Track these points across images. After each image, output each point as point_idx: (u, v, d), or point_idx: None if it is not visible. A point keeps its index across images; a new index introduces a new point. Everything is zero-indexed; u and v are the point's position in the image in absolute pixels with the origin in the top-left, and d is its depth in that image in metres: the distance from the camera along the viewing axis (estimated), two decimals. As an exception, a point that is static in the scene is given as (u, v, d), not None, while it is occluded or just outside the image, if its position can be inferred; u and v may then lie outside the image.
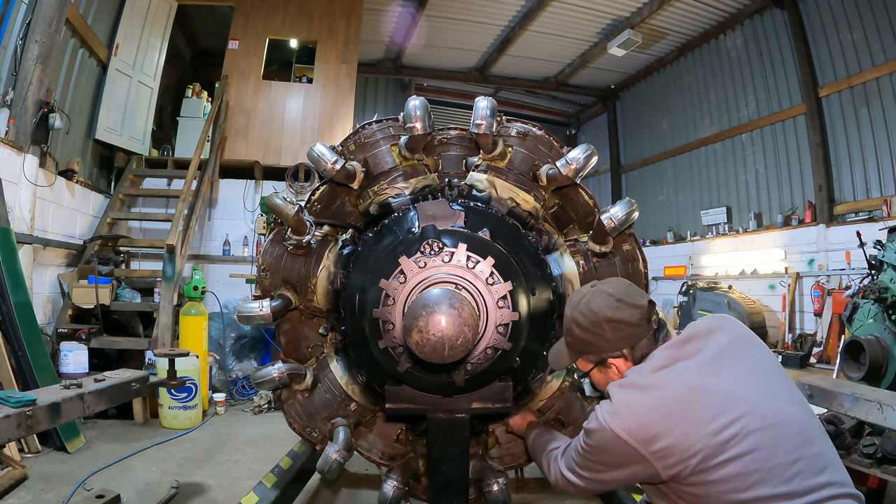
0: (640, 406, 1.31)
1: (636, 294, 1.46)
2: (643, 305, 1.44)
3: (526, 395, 2.21)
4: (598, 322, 1.43)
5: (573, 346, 1.52)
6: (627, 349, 1.44)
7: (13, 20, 4.58)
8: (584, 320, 1.45)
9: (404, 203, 2.20)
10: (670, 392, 1.32)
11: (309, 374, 2.23)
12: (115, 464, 3.55)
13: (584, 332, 1.46)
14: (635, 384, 1.36)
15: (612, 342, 1.44)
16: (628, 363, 1.45)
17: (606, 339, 1.44)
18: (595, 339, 1.45)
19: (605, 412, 1.34)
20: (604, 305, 1.43)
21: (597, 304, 1.45)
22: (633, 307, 1.43)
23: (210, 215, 7.09)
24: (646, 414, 1.29)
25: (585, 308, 1.46)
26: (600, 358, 1.48)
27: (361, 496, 3.23)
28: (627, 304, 1.43)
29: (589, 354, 1.49)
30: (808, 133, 7.82)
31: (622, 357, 1.45)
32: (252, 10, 7.53)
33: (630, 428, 1.29)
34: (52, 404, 1.99)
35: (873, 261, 4.53)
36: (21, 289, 4.03)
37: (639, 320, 1.42)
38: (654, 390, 1.33)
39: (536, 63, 10.88)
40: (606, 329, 1.43)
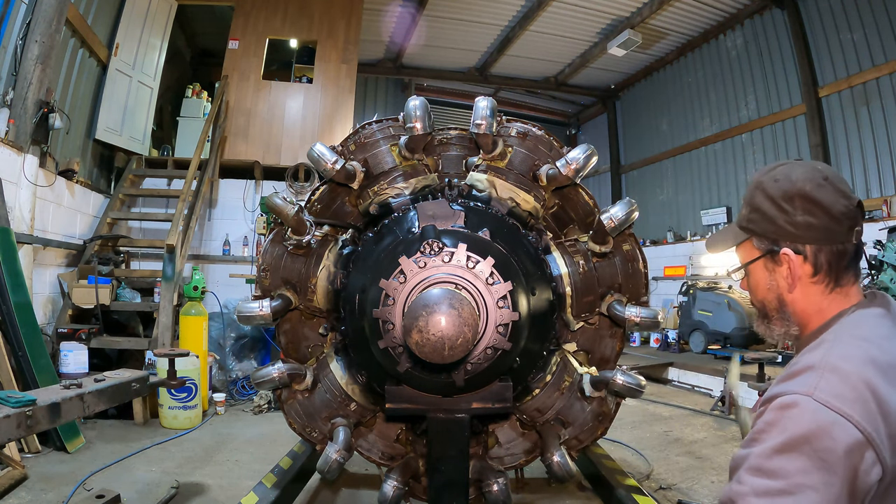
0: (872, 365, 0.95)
1: (846, 185, 1.09)
2: (853, 199, 1.07)
3: (525, 394, 2.21)
4: (791, 195, 1.07)
5: (748, 221, 1.15)
6: (813, 247, 1.08)
7: (13, 20, 4.58)
8: (774, 188, 1.10)
9: (404, 203, 2.20)
10: None
11: (309, 374, 2.23)
12: (115, 464, 3.55)
13: (769, 203, 1.10)
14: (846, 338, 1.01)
15: (798, 228, 1.07)
16: (806, 267, 1.09)
17: (793, 220, 1.08)
18: (779, 217, 1.09)
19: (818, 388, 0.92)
20: (806, 177, 1.07)
21: (798, 173, 1.09)
22: (840, 194, 1.06)
23: (210, 215, 7.09)
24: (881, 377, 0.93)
25: (781, 174, 1.11)
26: (773, 245, 1.11)
27: (361, 496, 3.23)
28: (835, 189, 1.06)
29: (762, 237, 1.13)
30: (808, 133, 7.82)
31: (802, 255, 1.09)
32: (252, 10, 7.53)
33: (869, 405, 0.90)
34: (52, 404, 1.99)
35: (873, 261, 4.53)
36: (21, 289, 4.03)
37: (841, 214, 1.05)
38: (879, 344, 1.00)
39: (536, 63, 10.88)
40: (798, 207, 1.07)
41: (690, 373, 6.91)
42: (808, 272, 1.09)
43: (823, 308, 1.11)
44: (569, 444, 2.23)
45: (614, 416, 2.27)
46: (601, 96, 12.38)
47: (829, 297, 1.10)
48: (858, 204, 1.08)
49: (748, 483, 0.90)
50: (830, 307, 1.10)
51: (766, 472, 0.89)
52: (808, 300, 1.11)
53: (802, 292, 1.11)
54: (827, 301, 1.10)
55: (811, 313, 1.12)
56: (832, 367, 0.96)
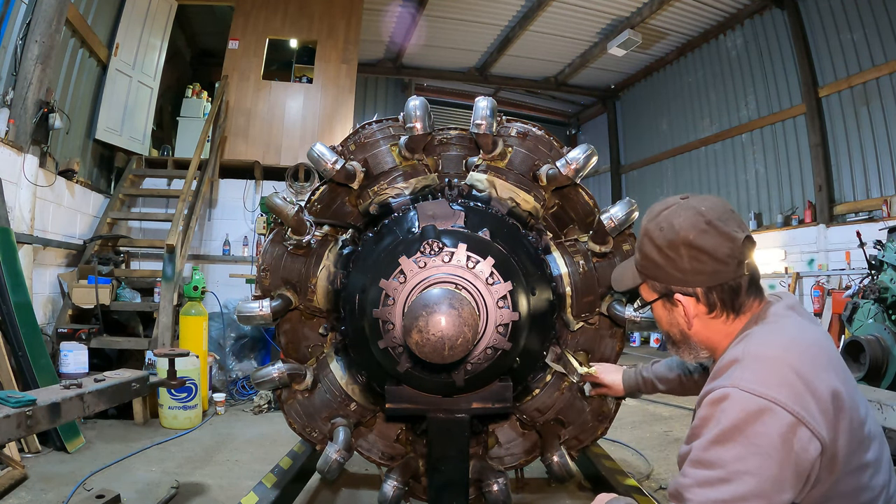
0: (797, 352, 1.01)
1: (733, 222, 1.12)
2: (737, 239, 1.11)
3: (525, 394, 2.21)
4: (676, 244, 1.13)
5: (641, 267, 1.23)
6: (703, 289, 1.14)
7: (13, 20, 4.58)
8: (659, 237, 1.16)
9: (404, 203, 2.20)
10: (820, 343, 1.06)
11: (309, 374, 2.23)
12: (115, 464, 3.55)
13: (657, 252, 1.17)
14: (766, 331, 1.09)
15: (686, 274, 1.13)
16: (700, 307, 1.16)
17: (680, 267, 1.13)
18: (667, 265, 1.15)
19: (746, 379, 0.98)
20: (688, 224, 1.12)
21: (680, 220, 1.13)
22: (723, 237, 1.10)
23: (210, 215, 7.09)
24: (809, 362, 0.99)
25: (665, 222, 1.16)
26: (668, 289, 1.18)
27: (361, 496, 3.23)
28: (718, 232, 1.10)
29: (656, 281, 1.20)
30: (808, 133, 7.82)
31: (694, 297, 1.15)
32: (252, 10, 7.53)
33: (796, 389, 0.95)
34: (52, 404, 1.98)
35: (873, 261, 4.53)
36: (21, 289, 4.03)
37: (727, 256, 1.10)
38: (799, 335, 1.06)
39: (536, 63, 10.88)
40: (683, 255, 1.12)
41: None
42: (704, 311, 1.17)
43: (730, 332, 1.18)
44: (569, 444, 2.23)
45: (614, 416, 2.27)
46: (601, 96, 12.38)
47: (734, 324, 1.17)
48: (746, 238, 1.12)
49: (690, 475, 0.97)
50: (735, 329, 1.17)
51: (706, 464, 0.95)
52: (709, 331, 1.19)
53: (703, 326, 1.18)
54: (731, 327, 1.17)
55: (718, 339, 1.19)
56: (754, 357, 1.02)
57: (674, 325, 1.23)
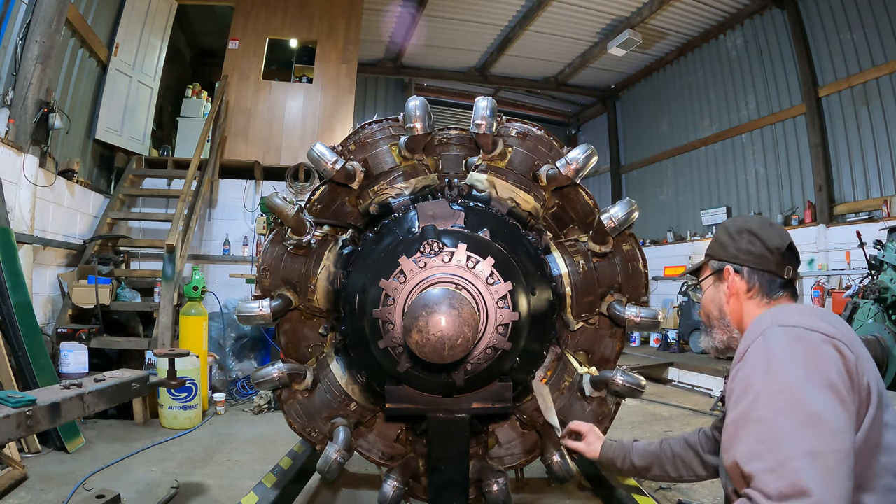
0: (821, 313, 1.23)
1: (788, 239, 1.42)
2: (786, 241, 1.40)
3: (525, 394, 2.21)
4: (741, 229, 1.44)
5: (710, 248, 1.51)
6: (749, 270, 1.40)
7: (13, 20, 4.58)
8: (731, 224, 1.48)
9: (404, 203, 2.20)
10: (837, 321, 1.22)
11: (309, 374, 2.23)
12: (115, 464, 3.55)
13: (726, 234, 1.46)
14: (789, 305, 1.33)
15: (741, 252, 1.41)
16: (742, 283, 1.41)
17: (738, 246, 1.42)
18: (729, 243, 1.44)
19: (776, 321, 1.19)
20: (757, 221, 1.45)
21: (753, 218, 1.47)
22: (778, 236, 1.41)
23: (210, 215, 7.09)
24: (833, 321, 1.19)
25: (741, 219, 1.49)
26: (721, 266, 1.45)
27: (361, 496, 3.23)
28: (775, 232, 1.42)
29: (716, 259, 1.48)
30: (808, 133, 7.82)
31: (740, 275, 1.41)
32: (252, 10, 7.53)
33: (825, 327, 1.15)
34: (52, 404, 1.98)
35: (873, 261, 4.53)
36: (21, 289, 4.03)
37: (776, 248, 1.39)
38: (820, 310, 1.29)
39: (536, 63, 10.88)
40: (744, 237, 1.42)
41: (690, 373, 6.91)
42: (744, 288, 1.40)
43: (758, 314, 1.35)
44: (569, 444, 2.23)
45: (614, 416, 2.27)
46: (601, 96, 12.38)
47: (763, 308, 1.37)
48: (790, 247, 1.39)
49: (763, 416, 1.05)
50: None
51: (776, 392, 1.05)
52: (742, 310, 1.40)
53: (738, 303, 1.41)
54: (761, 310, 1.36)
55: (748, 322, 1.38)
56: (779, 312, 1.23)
57: (715, 303, 1.46)
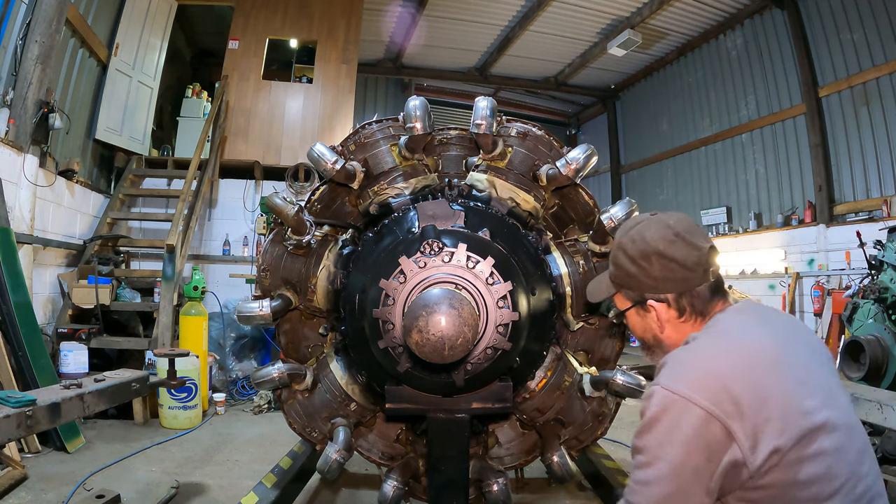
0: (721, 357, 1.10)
1: (699, 234, 1.25)
2: (703, 248, 1.22)
3: (523, 391, 2.21)
4: (648, 254, 1.24)
5: (615, 277, 1.33)
6: (673, 295, 1.24)
7: (13, 20, 4.58)
8: (632, 248, 1.27)
9: (404, 203, 2.20)
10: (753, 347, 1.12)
11: (309, 374, 2.23)
12: (115, 464, 3.55)
13: (630, 263, 1.27)
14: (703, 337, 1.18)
15: (658, 281, 1.24)
16: (671, 312, 1.26)
17: (652, 275, 1.24)
18: (639, 274, 1.26)
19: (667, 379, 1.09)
20: (658, 236, 1.23)
21: (651, 233, 1.25)
22: (690, 247, 1.22)
23: (210, 215, 7.09)
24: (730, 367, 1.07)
25: (637, 234, 1.27)
26: (641, 297, 1.28)
27: (361, 496, 3.23)
28: (685, 242, 1.22)
29: (629, 290, 1.31)
30: (808, 133, 7.81)
31: (665, 303, 1.26)
32: (252, 10, 7.53)
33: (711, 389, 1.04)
34: (52, 404, 1.99)
35: (873, 261, 4.53)
36: (21, 289, 4.03)
37: (694, 264, 1.22)
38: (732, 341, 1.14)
39: (536, 63, 10.87)
40: (655, 264, 1.23)
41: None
42: (674, 315, 1.27)
43: None
44: (569, 444, 2.23)
45: (614, 416, 2.27)
46: (601, 96, 12.37)
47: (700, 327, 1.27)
48: (710, 248, 1.25)
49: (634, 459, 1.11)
50: None
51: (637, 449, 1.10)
52: (680, 335, 1.28)
53: (674, 329, 1.29)
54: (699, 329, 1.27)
55: None
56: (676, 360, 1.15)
57: (648, 331, 1.32)
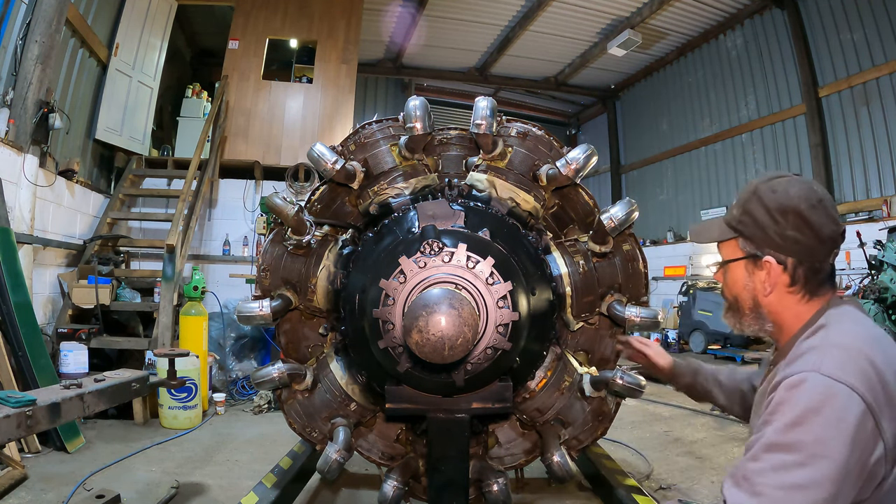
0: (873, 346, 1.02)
1: (836, 210, 1.16)
2: (839, 224, 1.15)
3: (523, 391, 2.21)
4: (786, 209, 1.13)
5: (738, 223, 1.21)
6: (794, 260, 1.15)
7: (13, 20, 4.58)
8: (770, 198, 1.15)
9: (404, 203, 2.20)
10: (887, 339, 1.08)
11: (309, 374, 2.23)
12: (115, 464, 3.55)
13: (764, 212, 1.16)
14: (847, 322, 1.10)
15: (786, 241, 1.14)
16: (784, 277, 1.16)
17: (782, 233, 1.14)
18: (770, 226, 1.15)
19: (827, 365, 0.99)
20: (802, 195, 1.13)
21: (796, 189, 1.14)
22: (829, 218, 1.13)
23: (210, 215, 7.09)
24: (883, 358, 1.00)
25: (780, 186, 1.16)
26: (760, 251, 1.17)
27: (361, 496, 3.23)
28: (826, 212, 1.13)
29: (750, 240, 1.19)
30: (808, 133, 7.82)
31: (783, 266, 1.16)
32: (252, 10, 7.53)
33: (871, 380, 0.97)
34: (52, 404, 1.98)
35: (873, 261, 4.54)
36: (21, 289, 4.03)
37: (827, 237, 1.13)
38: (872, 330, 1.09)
39: (536, 63, 10.88)
40: (789, 222, 1.13)
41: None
42: (786, 282, 1.17)
43: (801, 313, 1.18)
44: (569, 444, 2.23)
45: (614, 416, 2.27)
46: (601, 96, 12.38)
47: (806, 305, 1.18)
48: (843, 232, 1.15)
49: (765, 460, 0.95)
50: (808, 312, 1.18)
51: (783, 447, 0.94)
52: (782, 305, 1.19)
53: (778, 298, 1.19)
54: (803, 307, 1.18)
55: (787, 317, 1.20)
56: (834, 344, 1.04)
57: (748, 290, 1.21)
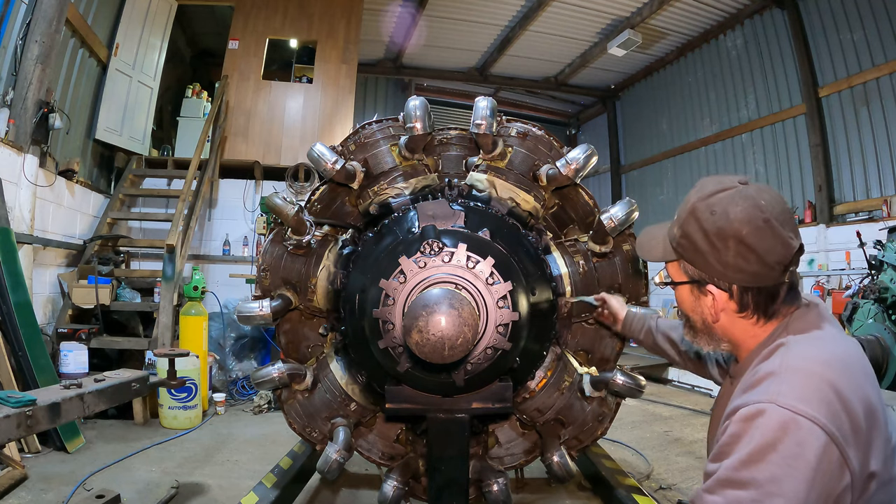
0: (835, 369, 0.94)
1: (789, 225, 1.03)
2: (791, 244, 1.03)
3: (525, 393, 2.21)
4: (726, 235, 1.03)
5: (678, 246, 1.13)
6: (739, 287, 1.07)
7: (13, 20, 4.58)
8: (708, 222, 1.05)
9: (404, 203, 2.20)
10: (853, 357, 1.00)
11: (309, 374, 2.23)
12: (115, 464, 3.55)
13: (702, 238, 1.06)
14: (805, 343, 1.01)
15: (727, 269, 1.05)
16: (731, 304, 1.08)
17: (723, 260, 1.05)
18: (709, 253, 1.06)
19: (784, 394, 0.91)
20: (744, 217, 1.02)
21: (737, 211, 1.03)
22: (777, 239, 1.02)
23: (210, 215, 7.09)
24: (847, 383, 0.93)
25: (719, 206, 1.05)
26: (701, 277, 1.10)
27: (361, 496, 3.23)
28: (773, 233, 1.01)
29: (691, 265, 1.11)
30: (808, 133, 7.81)
31: (728, 293, 1.08)
32: (252, 10, 7.53)
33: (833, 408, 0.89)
34: (52, 404, 1.99)
35: (873, 261, 4.53)
36: (21, 289, 4.03)
37: (775, 262, 1.02)
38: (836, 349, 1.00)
39: (536, 63, 10.87)
40: (731, 248, 1.03)
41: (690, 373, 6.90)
42: (734, 308, 1.09)
43: (756, 334, 1.11)
44: (569, 444, 2.23)
45: (614, 416, 2.27)
46: (601, 96, 12.37)
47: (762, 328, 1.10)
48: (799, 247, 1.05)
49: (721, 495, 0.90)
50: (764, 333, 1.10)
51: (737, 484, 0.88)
52: (735, 328, 1.12)
53: (729, 322, 1.12)
54: (759, 330, 1.10)
55: (743, 338, 1.13)
56: (793, 369, 0.95)
57: (697, 313, 1.16)
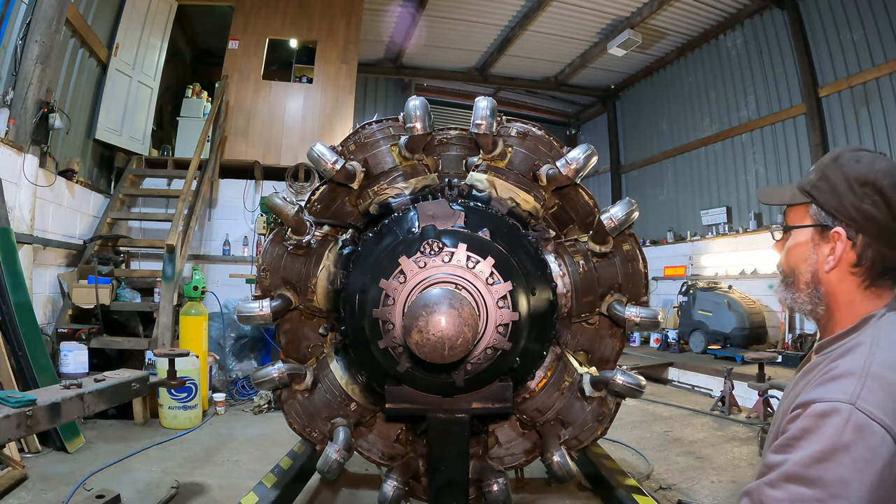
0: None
1: None
2: None
3: (525, 393, 2.21)
4: (868, 181, 1.05)
5: (813, 188, 1.12)
6: (865, 238, 1.06)
7: (13, 20, 4.58)
8: (853, 168, 1.07)
9: (404, 203, 2.20)
10: None
11: (309, 374, 2.23)
12: (115, 464, 3.55)
13: (842, 180, 1.07)
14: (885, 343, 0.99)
15: (860, 214, 1.05)
16: (850, 255, 1.07)
17: (858, 205, 1.05)
18: (846, 195, 1.06)
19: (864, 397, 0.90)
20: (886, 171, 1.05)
21: (881, 164, 1.06)
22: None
23: (210, 215, 7.09)
24: None
25: (866, 157, 1.08)
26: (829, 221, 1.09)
27: (361, 496, 3.23)
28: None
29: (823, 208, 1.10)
30: (808, 133, 7.82)
31: (851, 242, 1.07)
32: (252, 10, 7.54)
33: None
34: (52, 404, 1.99)
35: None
36: (21, 289, 4.03)
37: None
38: None
39: (536, 63, 10.88)
40: (868, 195, 1.04)
41: (690, 373, 6.92)
42: (851, 260, 1.07)
43: (855, 301, 1.09)
44: (569, 444, 2.23)
45: (614, 416, 2.27)
46: (601, 96, 12.38)
47: (863, 293, 1.09)
48: None
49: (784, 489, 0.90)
50: (862, 303, 1.09)
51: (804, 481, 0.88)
52: (841, 286, 1.10)
53: (839, 276, 1.10)
54: (860, 295, 1.09)
55: (841, 302, 1.11)
56: (875, 376, 0.94)
57: (809, 263, 1.12)
